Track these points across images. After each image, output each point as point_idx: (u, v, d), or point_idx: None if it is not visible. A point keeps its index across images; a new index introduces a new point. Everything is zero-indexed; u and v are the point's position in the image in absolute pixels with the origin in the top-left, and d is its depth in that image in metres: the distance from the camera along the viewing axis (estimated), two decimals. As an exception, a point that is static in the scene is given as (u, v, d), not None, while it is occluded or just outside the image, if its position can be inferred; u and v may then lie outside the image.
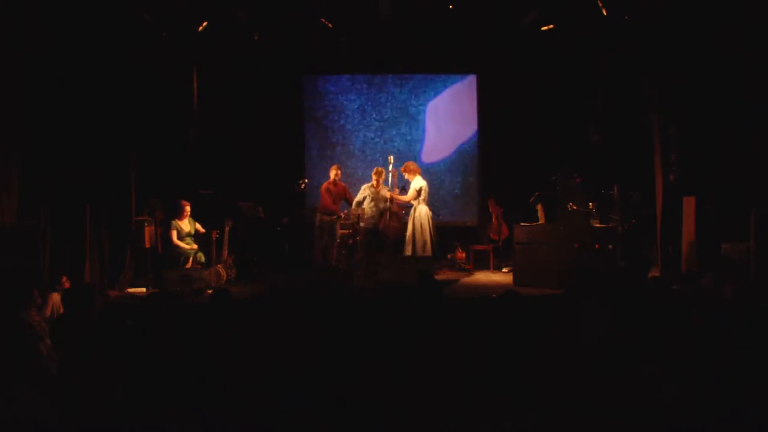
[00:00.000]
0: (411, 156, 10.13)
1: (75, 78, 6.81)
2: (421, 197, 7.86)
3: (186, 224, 7.72)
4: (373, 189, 8.13)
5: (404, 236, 7.90)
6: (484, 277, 8.47)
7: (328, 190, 8.33)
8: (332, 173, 8.42)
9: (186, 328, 3.87)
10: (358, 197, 8.19)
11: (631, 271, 6.73)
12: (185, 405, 3.06)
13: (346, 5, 8.00)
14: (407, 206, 8.08)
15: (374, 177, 8.15)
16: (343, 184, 8.52)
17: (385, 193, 8.08)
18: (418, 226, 7.79)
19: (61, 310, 5.15)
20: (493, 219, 9.47)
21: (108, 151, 7.34)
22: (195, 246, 7.72)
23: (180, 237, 7.64)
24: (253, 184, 9.25)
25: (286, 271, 8.22)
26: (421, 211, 7.84)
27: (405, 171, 8.06)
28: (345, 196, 8.41)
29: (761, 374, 3.19)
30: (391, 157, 8.32)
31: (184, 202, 7.73)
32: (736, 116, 7.17)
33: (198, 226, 7.81)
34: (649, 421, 2.88)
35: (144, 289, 7.24)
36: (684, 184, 7.45)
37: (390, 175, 8.15)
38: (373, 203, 8.07)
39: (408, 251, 7.84)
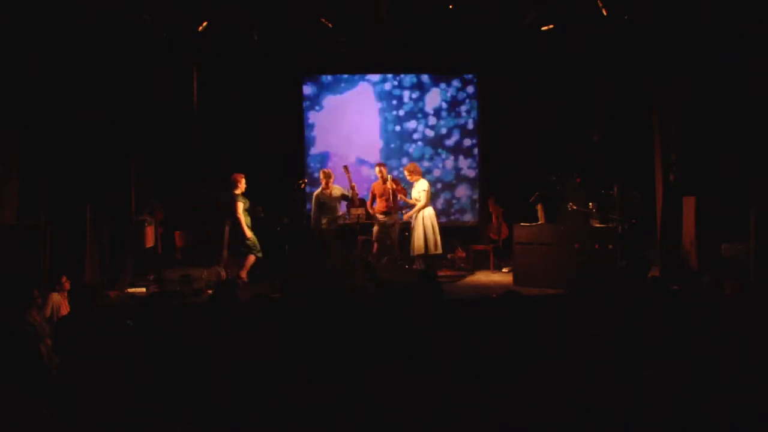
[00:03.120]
0: (412, 156, 10.19)
1: (75, 78, 6.82)
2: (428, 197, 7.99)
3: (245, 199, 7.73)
4: (324, 193, 8.08)
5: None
6: (484, 277, 8.47)
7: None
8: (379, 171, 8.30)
9: (186, 328, 3.87)
10: (313, 207, 8.16)
11: (631, 271, 6.73)
12: (185, 405, 3.06)
13: (346, 5, 8.00)
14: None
15: (323, 179, 8.13)
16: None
17: (337, 192, 8.12)
18: (429, 225, 7.90)
19: (62, 310, 5.16)
20: (493, 219, 9.47)
21: (108, 151, 7.35)
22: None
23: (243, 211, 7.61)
24: (253, 184, 9.24)
25: (292, 271, 8.20)
26: (430, 211, 8.00)
27: (409, 172, 8.11)
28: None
29: (761, 374, 3.19)
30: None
31: (240, 175, 7.74)
32: (736, 116, 7.17)
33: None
34: (649, 421, 2.88)
35: (144, 289, 7.24)
36: (684, 184, 7.45)
37: (391, 192, 8.14)
38: (325, 206, 8.08)
39: (422, 250, 7.87)
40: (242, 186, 7.72)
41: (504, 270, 8.71)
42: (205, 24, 7.98)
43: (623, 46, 8.13)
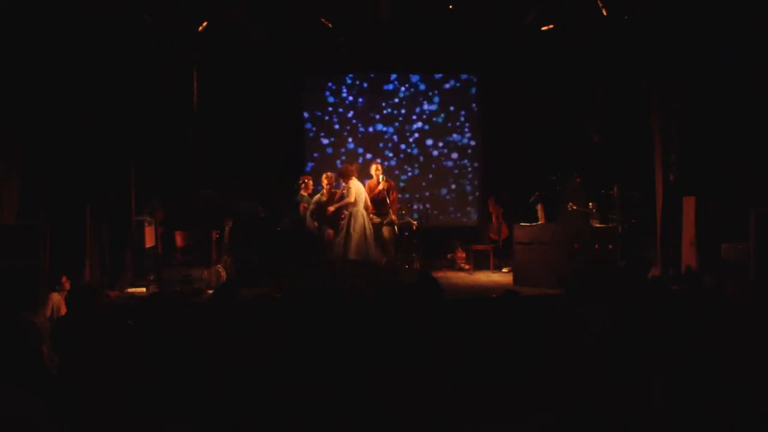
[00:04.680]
0: (409, 156, 10.18)
1: (75, 78, 6.82)
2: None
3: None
4: (323, 196, 8.12)
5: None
6: (484, 277, 8.48)
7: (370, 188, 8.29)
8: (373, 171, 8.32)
9: (186, 328, 3.87)
10: (311, 208, 8.15)
11: (631, 271, 6.73)
12: (185, 405, 3.06)
13: (346, 5, 8.00)
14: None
15: (324, 182, 8.17)
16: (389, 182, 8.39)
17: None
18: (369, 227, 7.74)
19: (62, 310, 5.16)
20: (493, 219, 9.47)
21: (108, 151, 7.35)
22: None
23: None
24: (253, 184, 9.25)
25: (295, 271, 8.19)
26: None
27: (341, 175, 7.86)
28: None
29: (761, 374, 3.19)
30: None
31: (308, 177, 8.32)
32: (736, 116, 7.16)
33: None
34: (649, 421, 2.88)
35: (144, 289, 7.24)
36: (684, 184, 7.45)
37: (385, 192, 8.13)
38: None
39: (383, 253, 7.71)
40: (310, 188, 8.27)
41: (504, 270, 8.71)
42: (205, 24, 7.98)
43: (623, 46, 8.13)
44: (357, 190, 7.72)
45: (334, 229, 8.07)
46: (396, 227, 8.23)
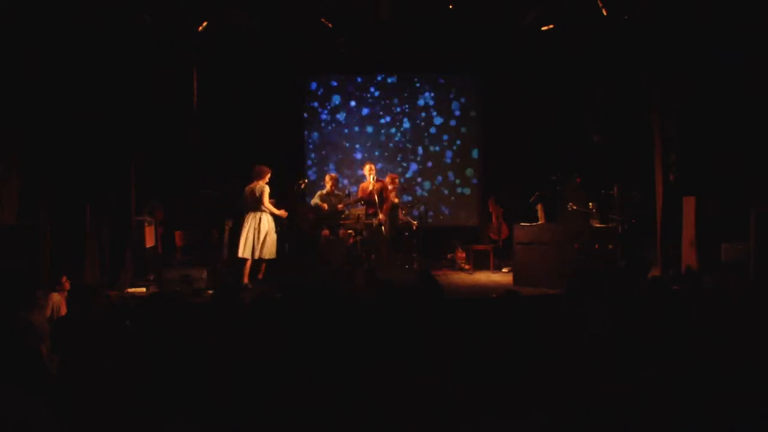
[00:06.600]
0: (409, 155, 10.17)
1: (75, 78, 6.81)
2: None
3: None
4: (326, 196, 8.16)
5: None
6: (484, 277, 8.47)
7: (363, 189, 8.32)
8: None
9: (186, 328, 3.87)
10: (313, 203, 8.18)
11: (631, 271, 6.73)
12: (185, 405, 3.06)
13: (346, 5, 8.00)
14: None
15: (328, 183, 8.16)
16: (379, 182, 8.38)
17: (338, 199, 8.25)
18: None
19: (62, 310, 5.15)
20: (493, 219, 9.47)
21: (108, 151, 7.34)
22: None
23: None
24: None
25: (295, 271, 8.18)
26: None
27: (255, 175, 7.55)
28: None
29: (761, 374, 3.19)
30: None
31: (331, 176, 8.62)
32: (736, 116, 7.17)
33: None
34: (649, 421, 2.88)
35: (144, 289, 7.24)
36: (684, 184, 7.45)
37: (375, 193, 8.13)
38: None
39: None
40: (328, 187, 8.42)
41: (504, 270, 8.71)
42: (205, 24, 7.98)
43: (623, 46, 8.13)
44: (248, 191, 7.45)
45: (330, 228, 8.08)
46: (383, 227, 8.21)
